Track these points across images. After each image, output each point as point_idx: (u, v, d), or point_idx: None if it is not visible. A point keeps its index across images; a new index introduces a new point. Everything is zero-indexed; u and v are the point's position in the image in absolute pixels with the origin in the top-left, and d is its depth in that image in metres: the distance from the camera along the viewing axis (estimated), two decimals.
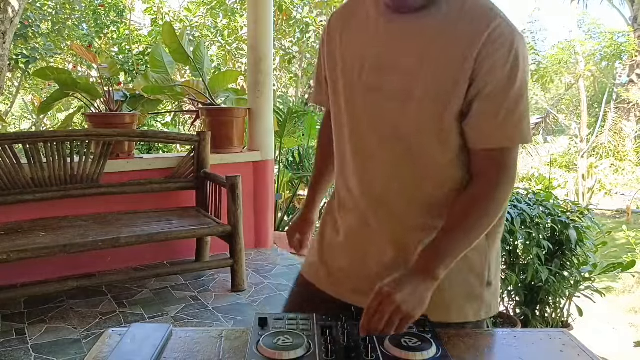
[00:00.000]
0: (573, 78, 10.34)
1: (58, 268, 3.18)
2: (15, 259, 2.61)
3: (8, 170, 3.05)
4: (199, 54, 4.27)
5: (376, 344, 0.86)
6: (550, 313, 2.75)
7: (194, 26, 8.88)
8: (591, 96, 11.67)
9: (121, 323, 2.78)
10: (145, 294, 3.17)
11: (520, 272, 2.64)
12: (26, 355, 2.42)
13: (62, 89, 3.85)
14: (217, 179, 3.43)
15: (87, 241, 2.82)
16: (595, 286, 2.78)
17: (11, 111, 10.70)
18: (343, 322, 0.92)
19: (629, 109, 11.04)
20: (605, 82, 11.39)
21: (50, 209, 3.21)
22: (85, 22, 9.22)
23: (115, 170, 3.43)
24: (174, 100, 4.86)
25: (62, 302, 3.02)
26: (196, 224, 3.22)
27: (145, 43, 8.61)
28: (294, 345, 0.84)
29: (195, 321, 2.82)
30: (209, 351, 0.89)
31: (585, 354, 0.91)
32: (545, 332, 1.06)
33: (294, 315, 0.96)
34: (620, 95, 11.11)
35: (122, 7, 9.23)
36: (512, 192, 2.77)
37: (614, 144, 10.63)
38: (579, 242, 2.63)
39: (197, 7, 9.02)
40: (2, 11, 5.08)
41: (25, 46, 8.08)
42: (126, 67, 7.78)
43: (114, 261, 3.42)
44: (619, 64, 11.02)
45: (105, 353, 0.89)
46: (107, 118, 3.68)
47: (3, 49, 5.26)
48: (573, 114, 11.45)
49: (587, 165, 9.45)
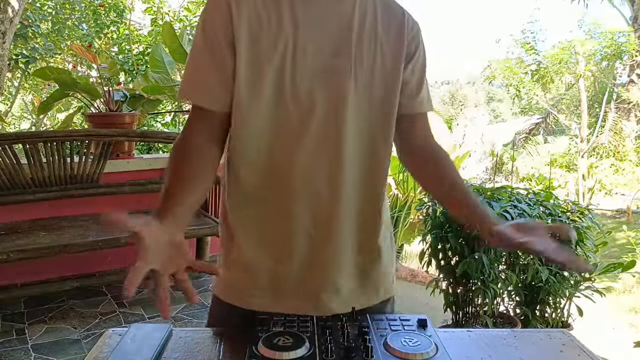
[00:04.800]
0: (573, 78, 10.34)
1: (58, 268, 3.18)
2: (15, 259, 2.61)
3: (8, 170, 3.05)
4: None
5: (376, 344, 0.86)
6: (550, 313, 2.75)
7: (194, 26, 8.86)
8: (591, 96, 11.67)
9: (121, 323, 2.78)
10: (145, 294, 3.14)
11: (520, 272, 2.64)
12: (26, 355, 2.42)
13: (62, 89, 3.85)
14: (217, 179, 3.43)
15: (87, 241, 2.82)
16: (595, 286, 2.77)
17: (11, 111, 10.70)
18: (343, 322, 0.92)
19: (629, 109, 11.04)
20: (605, 82, 11.39)
21: (50, 209, 3.21)
22: (85, 22, 9.21)
23: (115, 170, 3.43)
24: (174, 100, 4.86)
25: (62, 302, 3.02)
26: (196, 224, 3.22)
27: (145, 43, 8.60)
28: (294, 345, 0.84)
29: (195, 321, 2.82)
30: (209, 351, 0.89)
31: (585, 354, 0.91)
32: (545, 332, 1.06)
33: (294, 315, 0.96)
34: (621, 95, 11.11)
35: (122, 7, 9.22)
36: (513, 192, 2.76)
37: (614, 144, 10.63)
38: (579, 242, 2.63)
39: (197, 7, 9.01)
40: (2, 11, 5.08)
41: (25, 46, 8.08)
42: (126, 67, 7.78)
43: (114, 261, 3.42)
44: (619, 64, 11.02)
45: (105, 353, 0.88)
46: (107, 118, 3.68)
47: (3, 49, 5.26)
48: (573, 114, 11.46)
49: (587, 165, 9.44)
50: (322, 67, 0.98)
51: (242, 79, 0.98)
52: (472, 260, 2.44)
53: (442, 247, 2.62)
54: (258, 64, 0.97)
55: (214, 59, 0.99)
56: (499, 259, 2.58)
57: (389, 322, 0.94)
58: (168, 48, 4.24)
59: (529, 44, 10.68)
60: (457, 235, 2.52)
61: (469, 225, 1.07)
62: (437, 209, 2.63)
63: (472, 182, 2.91)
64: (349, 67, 0.99)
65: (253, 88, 0.98)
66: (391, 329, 0.92)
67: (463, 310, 2.65)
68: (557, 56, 10.19)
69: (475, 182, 2.98)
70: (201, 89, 1.01)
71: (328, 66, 0.99)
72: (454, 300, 2.65)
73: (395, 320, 0.95)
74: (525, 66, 10.66)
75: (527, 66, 10.62)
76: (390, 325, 0.93)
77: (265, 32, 0.97)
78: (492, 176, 9.72)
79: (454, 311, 2.68)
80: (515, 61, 10.88)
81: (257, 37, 0.97)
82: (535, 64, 10.57)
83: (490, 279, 2.48)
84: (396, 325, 0.93)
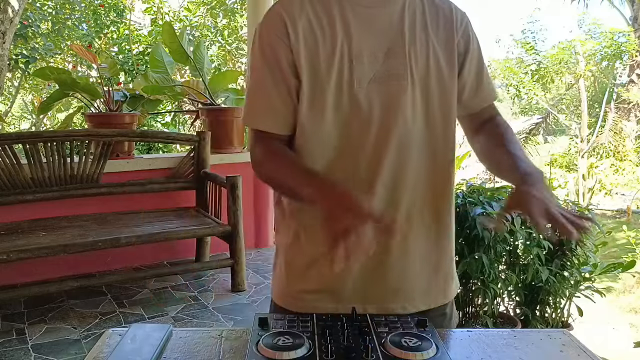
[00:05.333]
0: (573, 78, 10.33)
1: (58, 268, 3.18)
2: (15, 259, 2.61)
3: (8, 170, 3.05)
4: (198, 54, 4.27)
5: (376, 344, 0.86)
6: (550, 313, 2.75)
7: (194, 26, 8.88)
8: (591, 96, 11.66)
9: (121, 323, 2.78)
10: (145, 294, 3.17)
11: (521, 272, 2.64)
12: (26, 355, 2.42)
13: (62, 89, 3.86)
14: (217, 179, 3.43)
15: (87, 241, 2.82)
16: (595, 286, 2.77)
17: (11, 111, 10.70)
18: (343, 322, 0.92)
19: (629, 109, 11.03)
20: (605, 82, 11.38)
21: (50, 209, 3.21)
22: (85, 22, 9.22)
23: (115, 170, 3.44)
24: (174, 100, 4.86)
25: (62, 302, 3.02)
26: (196, 224, 3.22)
27: (145, 43, 8.61)
28: (294, 345, 0.84)
29: (195, 321, 2.82)
30: (209, 351, 0.89)
31: (585, 354, 0.91)
32: (545, 332, 1.06)
33: (294, 315, 0.96)
34: (621, 95, 11.10)
35: (122, 7, 9.22)
36: None
37: (614, 144, 10.62)
38: (579, 242, 2.63)
39: (197, 6, 9.02)
40: (2, 11, 5.08)
41: (25, 46, 8.08)
42: (126, 67, 7.79)
43: (114, 261, 3.42)
44: (619, 64, 11.02)
45: (105, 353, 0.88)
46: (107, 118, 3.69)
47: (3, 49, 5.26)
48: (573, 114, 11.45)
49: (587, 165, 9.44)
50: (379, 71, 0.97)
51: (305, 99, 0.97)
52: (472, 260, 2.44)
53: None
54: (319, 82, 0.96)
55: (277, 83, 0.97)
56: (499, 259, 2.58)
57: (389, 322, 0.94)
58: (168, 48, 4.24)
59: (529, 44, 10.68)
60: (457, 235, 2.52)
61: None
62: None
63: (472, 182, 2.91)
64: (404, 68, 0.98)
65: (315, 106, 0.97)
66: (391, 329, 0.92)
67: (463, 310, 2.65)
68: (557, 56, 10.18)
69: (475, 182, 2.97)
70: (269, 115, 0.99)
71: (384, 70, 0.98)
72: (454, 300, 2.65)
73: (395, 320, 0.95)
74: (525, 66, 10.65)
75: (527, 66, 10.62)
76: (390, 325, 0.93)
77: (321, 46, 0.96)
78: (492, 176, 9.71)
79: None
80: (515, 61, 10.88)
81: (315, 54, 0.96)
82: (536, 64, 10.56)
83: (490, 279, 2.48)
84: (396, 325, 0.93)
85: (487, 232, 2.41)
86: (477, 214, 2.42)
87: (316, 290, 1.03)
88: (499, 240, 2.48)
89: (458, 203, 2.54)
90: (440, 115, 1.02)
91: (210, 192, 3.54)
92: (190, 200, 3.64)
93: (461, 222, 2.51)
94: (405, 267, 1.03)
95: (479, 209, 2.44)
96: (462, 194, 2.61)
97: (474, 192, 2.64)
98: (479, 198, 2.54)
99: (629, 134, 10.83)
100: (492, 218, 0.86)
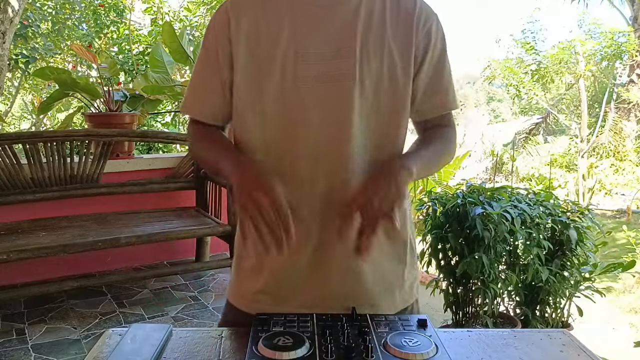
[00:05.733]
0: (573, 78, 10.32)
1: (58, 268, 3.18)
2: (15, 259, 2.61)
3: (8, 170, 3.05)
4: (198, 53, 4.27)
5: (376, 344, 0.86)
6: (550, 313, 2.75)
7: (194, 26, 8.86)
8: (591, 96, 11.65)
9: (121, 323, 2.78)
10: (145, 294, 3.17)
11: (521, 272, 2.64)
12: (26, 355, 2.42)
13: (62, 89, 3.85)
14: (217, 179, 3.43)
15: (87, 241, 2.82)
16: (595, 286, 2.77)
17: (11, 111, 10.70)
18: (343, 322, 0.92)
19: (629, 109, 11.03)
20: (605, 82, 11.37)
21: (50, 209, 3.21)
22: (85, 22, 9.21)
23: (115, 170, 3.44)
24: (174, 100, 4.86)
25: (62, 302, 3.02)
26: (196, 224, 3.22)
27: (145, 43, 8.59)
28: (294, 345, 0.84)
29: (195, 321, 2.82)
30: (209, 351, 0.89)
31: (585, 354, 0.91)
32: (545, 332, 1.06)
33: (294, 315, 0.96)
34: (621, 95, 11.10)
35: (121, 7, 9.22)
36: (513, 192, 2.76)
37: (614, 144, 10.62)
38: (579, 242, 2.63)
39: (197, 6, 9.01)
40: (2, 11, 5.08)
41: (25, 46, 8.07)
42: (126, 67, 7.78)
43: (114, 261, 3.42)
44: (619, 64, 11.01)
45: (105, 353, 0.88)
46: (107, 118, 3.69)
47: (3, 49, 5.26)
48: (573, 114, 11.44)
49: (587, 165, 9.44)
50: (325, 72, 0.95)
51: (243, 95, 0.98)
52: (472, 260, 2.44)
53: (442, 247, 2.62)
54: (258, 79, 0.96)
55: (212, 74, 1.01)
56: (499, 259, 2.58)
57: (389, 322, 0.94)
58: (168, 48, 4.24)
59: (529, 44, 10.67)
60: (457, 235, 2.52)
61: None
62: (437, 209, 2.63)
63: (472, 182, 2.91)
64: (352, 69, 0.95)
65: (254, 103, 0.97)
66: (391, 329, 0.92)
67: (463, 310, 2.65)
68: (557, 56, 10.17)
69: (475, 182, 2.98)
70: (201, 104, 1.05)
71: (331, 69, 0.95)
72: (454, 300, 2.65)
73: (395, 320, 0.95)
74: (525, 66, 10.64)
75: (527, 66, 10.61)
76: (390, 325, 0.93)
77: (264, 45, 0.96)
78: (492, 176, 9.71)
79: (454, 311, 2.68)
80: (515, 61, 10.87)
81: (254, 53, 0.96)
82: (535, 64, 10.55)
83: (490, 279, 2.48)
84: (396, 325, 0.93)
85: (487, 232, 2.41)
86: (477, 214, 2.42)
87: (260, 290, 1.04)
88: (499, 240, 2.48)
89: (458, 203, 2.55)
90: (390, 119, 1.00)
91: (210, 192, 3.54)
92: (190, 200, 3.64)
93: (461, 222, 2.51)
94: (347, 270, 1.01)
95: (478, 208, 2.44)
96: (462, 194, 2.61)
97: (474, 192, 2.64)
98: (478, 198, 2.55)
99: (629, 134, 10.83)
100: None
